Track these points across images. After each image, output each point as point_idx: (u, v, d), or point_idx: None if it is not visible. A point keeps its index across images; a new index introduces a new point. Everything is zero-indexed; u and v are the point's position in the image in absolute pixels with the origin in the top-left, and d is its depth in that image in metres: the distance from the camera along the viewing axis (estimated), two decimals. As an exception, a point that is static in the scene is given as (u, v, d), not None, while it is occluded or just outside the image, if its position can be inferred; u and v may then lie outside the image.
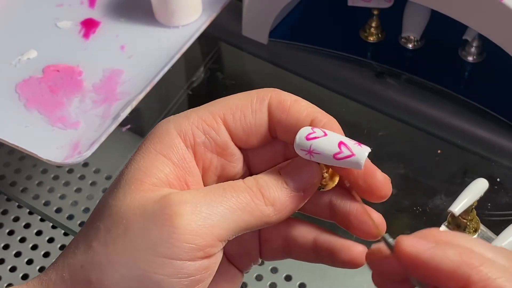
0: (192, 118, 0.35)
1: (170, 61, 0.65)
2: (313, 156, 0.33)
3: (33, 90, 0.63)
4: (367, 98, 0.69)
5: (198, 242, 0.31)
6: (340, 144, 0.33)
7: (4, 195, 0.68)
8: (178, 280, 0.31)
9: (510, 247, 0.52)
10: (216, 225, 0.31)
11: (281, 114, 0.35)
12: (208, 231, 0.31)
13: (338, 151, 0.33)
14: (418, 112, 0.68)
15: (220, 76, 0.73)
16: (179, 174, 0.34)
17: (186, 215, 0.31)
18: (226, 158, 0.36)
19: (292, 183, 0.34)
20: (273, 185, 0.34)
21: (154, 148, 0.34)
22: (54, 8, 0.71)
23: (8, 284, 0.62)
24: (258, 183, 0.34)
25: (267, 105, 0.35)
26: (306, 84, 0.70)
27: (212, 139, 0.35)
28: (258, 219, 0.33)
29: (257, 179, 0.34)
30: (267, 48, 0.74)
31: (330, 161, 0.33)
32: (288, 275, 0.60)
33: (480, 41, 0.69)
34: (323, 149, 0.33)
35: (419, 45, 0.72)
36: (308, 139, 0.33)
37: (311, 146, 0.33)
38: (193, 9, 0.69)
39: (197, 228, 0.31)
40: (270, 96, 0.35)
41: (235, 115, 0.35)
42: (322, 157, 0.33)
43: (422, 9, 0.70)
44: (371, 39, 0.73)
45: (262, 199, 0.33)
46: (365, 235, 0.36)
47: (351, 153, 0.33)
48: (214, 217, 0.31)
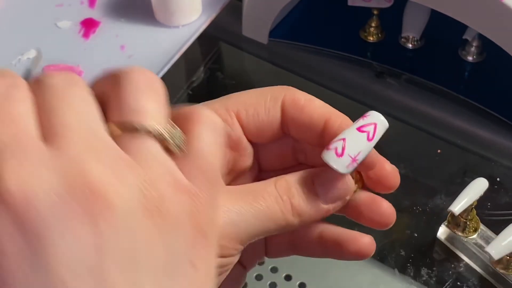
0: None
1: (170, 60, 0.65)
2: (358, 160, 0.33)
3: (33, 90, 0.63)
4: (367, 98, 0.69)
5: (223, 243, 0.31)
6: (360, 129, 0.33)
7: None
8: None
9: (510, 246, 0.52)
10: (242, 232, 0.32)
11: (294, 112, 0.35)
12: (234, 236, 0.32)
13: (366, 135, 0.33)
14: (418, 112, 0.68)
15: (220, 76, 0.73)
16: None
17: (220, 217, 0.31)
18: (239, 152, 0.36)
19: (324, 196, 0.34)
20: (305, 196, 0.34)
21: None
22: (54, 8, 0.72)
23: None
24: (290, 192, 0.33)
25: (281, 104, 0.35)
26: (306, 84, 0.70)
27: (226, 134, 0.35)
28: (281, 226, 0.33)
29: (289, 186, 0.34)
30: (267, 48, 0.74)
31: (370, 147, 0.33)
32: (288, 274, 0.60)
33: (480, 40, 0.69)
34: (358, 146, 0.33)
35: (419, 44, 0.72)
36: (340, 155, 0.33)
37: (349, 155, 0.33)
38: (193, 9, 0.69)
39: (224, 232, 0.31)
40: (284, 95, 0.35)
41: (249, 112, 0.35)
42: (364, 152, 0.33)
43: (422, 8, 0.70)
44: (371, 39, 0.73)
45: (291, 210, 0.33)
46: (376, 224, 0.36)
47: (373, 124, 0.33)
48: (242, 224, 0.32)
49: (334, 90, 0.70)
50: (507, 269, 0.54)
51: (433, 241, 0.58)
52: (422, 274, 0.56)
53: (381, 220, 0.36)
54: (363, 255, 0.37)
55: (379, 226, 0.36)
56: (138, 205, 0.25)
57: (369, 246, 0.36)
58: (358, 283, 0.57)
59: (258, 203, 0.33)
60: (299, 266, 0.60)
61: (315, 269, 0.60)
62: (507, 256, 0.53)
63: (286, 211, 0.33)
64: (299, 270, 0.60)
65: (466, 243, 0.56)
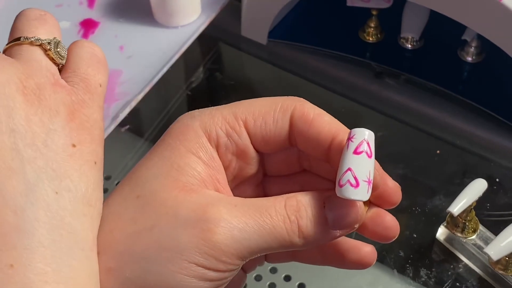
0: (216, 118, 0.35)
1: (169, 61, 0.65)
2: (371, 180, 0.32)
3: (32, 90, 0.63)
4: (366, 98, 0.69)
5: (223, 259, 0.31)
6: (356, 152, 0.32)
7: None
8: (198, 282, 0.31)
9: (509, 247, 0.52)
10: (243, 248, 0.32)
11: (303, 126, 0.34)
12: (235, 252, 0.32)
13: (365, 154, 0.32)
14: (417, 112, 0.68)
15: (219, 77, 0.73)
16: (210, 173, 0.34)
17: (220, 235, 0.31)
18: (244, 160, 0.35)
19: (334, 222, 0.33)
20: (314, 219, 0.33)
21: (182, 145, 0.34)
22: (53, 9, 0.71)
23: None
24: (299, 212, 0.33)
25: (290, 116, 0.35)
26: (305, 84, 0.70)
27: (234, 142, 0.35)
28: (284, 246, 0.33)
29: (299, 205, 0.33)
30: (266, 48, 0.74)
31: (373, 162, 0.33)
32: (287, 275, 0.60)
33: (479, 41, 0.69)
34: (365, 168, 0.32)
35: (418, 45, 0.72)
36: (356, 186, 0.32)
37: (363, 181, 0.32)
38: (192, 10, 0.69)
39: (225, 248, 0.31)
40: (294, 107, 0.35)
41: (257, 121, 0.35)
42: (372, 171, 0.32)
43: (421, 9, 0.70)
44: (370, 39, 0.73)
45: (297, 231, 0.33)
46: (380, 237, 0.36)
47: (364, 141, 0.32)
48: (244, 242, 0.32)
49: (333, 90, 0.70)
50: (506, 270, 0.54)
51: (432, 242, 0.58)
52: (421, 275, 0.56)
53: (385, 233, 0.35)
54: (365, 264, 0.37)
55: (383, 239, 0.36)
56: (16, 88, 0.30)
57: (371, 255, 0.36)
58: (357, 284, 0.57)
59: (264, 221, 0.32)
60: (298, 266, 0.60)
61: (314, 270, 0.60)
62: (506, 257, 0.53)
63: (292, 233, 0.33)
64: (299, 271, 0.60)
65: (465, 244, 0.56)
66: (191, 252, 0.31)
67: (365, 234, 0.36)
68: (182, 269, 0.31)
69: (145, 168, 0.34)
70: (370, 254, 0.36)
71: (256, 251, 0.32)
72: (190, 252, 0.31)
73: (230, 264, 0.32)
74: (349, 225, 0.33)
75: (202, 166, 0.34)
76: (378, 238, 0.36)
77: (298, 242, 0.33)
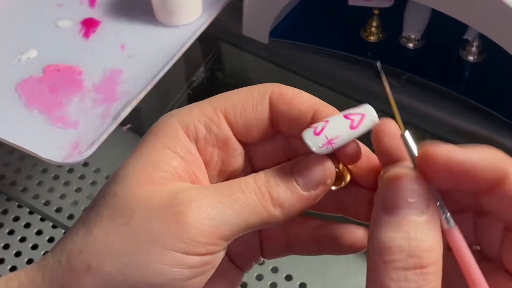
0: (194, 112, 0.35)
1: (170, 60, 0.65)
2: (334, 143, 0.32)
3: (33, 89, 0.63)
4: (367, 97, 0.69)
5: (201, 240, 0.31)
6: (346, 116, 0.33)
7: (4, 194, 0.68)
8: (179, 270, 0.31)
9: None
10: (220, 225, 0.32)
11: (283, 106, 0.35)
12: (212, 231, 0.31)
13: (350, 122, 0.33)
14: (419, 112, 0.68)
15: (220, 76, 0.73)
16: (187, 167, 0.34)
17: (192, 214, 0.31)
18: (227, 152, 0.35)
19: (303, 182, 0.33)
20: (283, 185, 0.33)
21: (159, 141, 0.34)
22: (54, 8, 0.71)
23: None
24: (268, 183, 0.33)
25: (269, 99, 0.35)
26: (306, 83, 0.70)
27: (213, 133, 0.35)
28: (264, 220, 0.33)
29: (267, 177, 0.34)
30: (267, 47, 0.74)
31: (352, 135, 0.33)
32: (289, 274, 0.60)
33: (480, 40, 0.69)
34: (338, 130, 0.32)
35: (419, 44, 0.72)
36: (317, 134, 0.33)
37: (326, 136, 0.32)
38: (193, 9, 0.69)
39: (201, 227, 0.31)
40: (272, 90, 0.35)
41: (236, 109, 0.35)
42: (343, 138, 0.32)
43: (423, 8, 0.70)
44: (371, 38, 0.73)
45: (270, 200, 0.33)
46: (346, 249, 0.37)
47: (361, 114, 0.33)
48: (219, 218, 0.32)
49: (335, 89, 0.70)
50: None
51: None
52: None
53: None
54: (358, 247, 0.37)
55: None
56: None
57: (364, 238, 0.36)
58: (358, 283, 0.57)
59: (236, 195, 0.32)
60: (299, 266, 0.60)
61: (316, 269, 0.60)
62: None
63: (266, 202, 0.33)
64: (300, 270, 0.60)
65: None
66: (166, 239, 0.31)
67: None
68: (160, 258, 0.31)
69: (123, 167, 0.34)
70: (363, 237, 0.36)
71: (236, 228, 0.32)
72: (165, 238, 0.31)
73: (210, 245, 0.31)
74: (318, 182, 0.34)
75: (178, 161, 0.34)
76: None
77: (275, 212, 0.33)
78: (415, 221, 0.29)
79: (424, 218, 0.29)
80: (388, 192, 0.29)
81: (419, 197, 0.29)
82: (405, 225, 0.29)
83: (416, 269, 0.28)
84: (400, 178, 0.29)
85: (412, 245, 0.28)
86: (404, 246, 0.28)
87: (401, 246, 0.28)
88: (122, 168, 0.34)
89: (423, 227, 0.29)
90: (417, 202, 0.29)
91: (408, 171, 0.29)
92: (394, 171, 0.30)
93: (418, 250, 0.28)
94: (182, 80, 0.72)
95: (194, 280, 0.32)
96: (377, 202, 0.30)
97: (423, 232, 0.29)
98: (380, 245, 0.29)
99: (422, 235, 0.28)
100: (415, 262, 0.28)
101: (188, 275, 0.31)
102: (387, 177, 0.30)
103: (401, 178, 0.29)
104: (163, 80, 0.64)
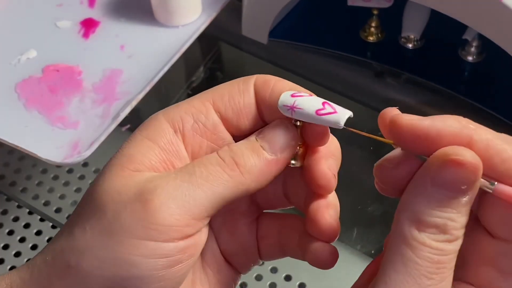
0: (181, 106, 0.35)
1: (169, 60, 0.65)
2: (295, 112, 0.33)
3: (32, 90, 0.63)
4: (366, 98, 0.69)
5: (171, 223, 0.31)
6: (324, 103, 0.33)
7: (4, 195, 0.68)
8: (154, 261, 0.31)
9: None
10: (188, 204, 0.31)
11: (265, 92, 0.35)
12: (182, 211, 0.31)
13: (321, 108, 0.33)
14: (418, 112, 0.67)
15: (220, 76, 0.73)
16: (165, 158, 0.34)
17: (157, 199, 0.31)
18: (216, 142, 0.35)
19: (268, 146, 0.34)
20: (249, 151, 0.33)
21: (140, 134, 0.34)
22: (54, 8, 0.71)
23: (7, 284, 0.62)
24: (232, 151, 0.33)
25: (253, 86, 0.35)
26: (306, 83, 0.69)
27: (201, 123, 0.35)
28: (236, 189, 0.33)
29: (231, 146, 0.34)
30: (266, 47, 0.74)
31: (311, 117, 0.33)
32: (288, 275, 0.60)
33: (479, 40, 0.69)
34: (307, 104, 0.33)
35: (419, 44, 0.72)
36: (293, 96, 0.34)
37: (295, 102, 0.33)
38: (193, 9, 0.69)
39: (169, 210, 0.31)
40: (256, 78, 0.35)
41: (224, 98, 0.35)
42: (304, 113, 0.33)
43: (422, 8, 0.70)
44: (371, 38, 0.73)
45: (237, 168, 0.33)
46: (318, 232, 0.36)
47: (334, 110, 0.33)
48: (186, 198, 0.31)
49: (334, 90, 0.70)
50: None
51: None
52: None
53: (321, 229, 0.35)
54: (323, 267, 0.36)
55: (322, 236, 0.35)
56: None
57: (330, 258, 0.36)
58: (358, 283, 0.57)
59: (199, 171, 0.32)
60: (299, 266, 0.60)
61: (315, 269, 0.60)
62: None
63: (233, 172, 0.33)
64: (299, 270, 0.60)
65: None
66: (136, 229, 0.31)
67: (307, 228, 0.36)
68: (133, 249, 0.31)
69: (105, 164, 0.34)
70: (330, 256, 0.36)
71: (207, 203, 0.32)
72: (135, 228, 0.31)
73: (182, 227, 0.31)
74: (282, 144, 0.34)
75: (156, 151, 0.33)
76: (317, 232, 0.35)
77: (245, 179, 0.33)
78: (458, 203, 0.30)
79: (465, 199, 0.30)
80: (446, 171, 0.29)
81: (469, 185, 0.29)
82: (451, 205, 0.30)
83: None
84: (461, 164, 0.29)
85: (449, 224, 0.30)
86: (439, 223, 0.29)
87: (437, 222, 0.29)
88: (104, 166, 0.34)
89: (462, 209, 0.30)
90: (467, 189, 0.29)
91: (471, 158, 0.29)
92: (456, 153, 0.29)
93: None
94: (181, 80, 0.72)
95: (173, 269, 0.32)
96: (426, 174, 0.30)
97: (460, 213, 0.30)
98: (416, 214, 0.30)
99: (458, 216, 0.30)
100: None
101: (163, 263, 0.31)
102: (448, 157, 0.29)
103: (462, 164, 0.29)
104: (163, 80, 0.64)
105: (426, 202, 0.30)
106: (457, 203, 0.29)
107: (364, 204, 0.65)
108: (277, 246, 0.38)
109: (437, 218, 0.29)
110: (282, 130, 0.34)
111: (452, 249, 0.30)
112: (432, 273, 0.29)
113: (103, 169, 0.34)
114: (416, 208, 0.30)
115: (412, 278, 0.29)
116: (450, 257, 0.30)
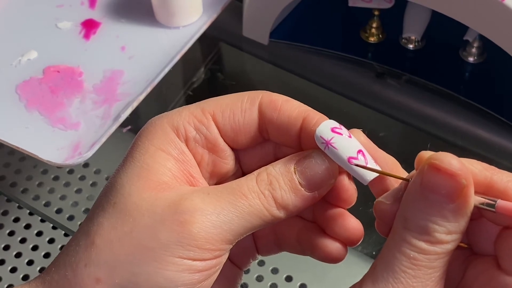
0: (183, 114, 0.35)
1: (170, 61, 0.65)
2: (329, 148, 0.33)
3: (33, 91, 0.63)
4: (367, 98, 0.69)
5: (207, 247, 0.32)
6: (359, 151, 0.33)
7: (4, 196, 0.68)
8: (188, 275, 0.32)
9: None
10: (225, 232, 0.32)
11: (272, 113, 0.35)
12: (218, 237, 0.32)
13: (355, 156, 0.33)
14: (419, 113, 0.68)
15: (221, 77, 0.73)
16: (182, 167, 0.34)
17: (197, 223, 0.31)
18: (217, 154, 0.35)
19: (307, 183, 0.34)
20: (287, 187, 0.33)
21: (151, 144, 0.34)
22: (54, 9, 0.71)
23: (8, 285, 0.62)
24: (272, 185, 0.33)
25: (258, 105, 0.35)
26: (307, 84, 0.70)
27: (203, 135, 0.35)
28: (268, 221, 0.33)
29: (270, 178, 0.33)
30: (267, 48, 0.74)
31: (342, 161, 0.33)
32: (289, 275, 0.60)
33: (481, 41, 0.69)
34: (343, 147, 0.33)
35: (419, 45, 0.72)
36: (333, 131, 0.33)
37: (332, 138, 0.33)
38: (194, 10, 0.69)
39: (207, 235, 0.32)
40: (261, 97, 0.35)
41: (224, 113, 0.35)
42: (337, 154, 0.33)
43: (423, 9, 0.70)
44: (371, 39, 0.73)
45: (274, 204, 0.33)
46: (344, 239, 0.37)
47: (366, 162, 0.33)
48: (224, 225, 0.32)
49: (335, 90, 0.70)
50: None
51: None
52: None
53: (347, 235, 0.36)
54: (332, 260, 0.37)
55: (347, 242, 0.36)
56: None
57: (339, 252, 0.37)
58: (358, 284, 0.57)
59: (240, 202, 0.33)
60: (300, 267, 0.60)
61: (316, 270, 0.60)
62: None
63: (270, 206, 0.33)
64: (300, 271, 0.60)
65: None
66: (174, 247, 0.31)
67: (329, 232, 0.37)
68: (169, 265, 0.31)
69: (118, 174, 0.34)
70: (338, 251, 0.37)
71: (240, 231, 0.33)
72: (173, 247, 0.31)
73: (215, 251, 0.32)
74: (323, 183, 0.34)
75: (173, 162, 0.34)
76: (343, 239, 0.36)
77: (279, 214, 0.33)
78: (442, 208, 0.31)
79: (451, 206, 0.30)
80: (427, 175, 0.31)
81: (451, 191, 0.30)
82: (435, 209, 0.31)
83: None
84: (438, 169, 0.30)
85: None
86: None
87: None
88: (117, 175, 0.34)
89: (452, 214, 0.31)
90: (451, 195, 0.30)
91: (448, 165, 0.30)
92: (438, 158, 0.31)
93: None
94: (182, 81, 0.72)
95: (204, 282, 0.32)
96: (417, 175, 0.31)
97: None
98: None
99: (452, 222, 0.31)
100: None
101: (198, 278, 0.32)
102: (430, 161, 0.31)
103: (439, 169, 0.30)
104: (164, 81, 0.64)
105: (413, 202, 0.31)
106: (441, 208, 0.30)
107: (365, 206, 0.65)
108: (274, 243, 0.39)
109: (421, 220, 0.31)
110: (324, 169, 0.34)
111: (432, 250, 0.31)
112: (407, 268, 0.31)
113: (117, 179, 0.34)
114: (404, 207, 0.32)
115: (390, 268, 0.31)
116: (430, 258, 0.31)
